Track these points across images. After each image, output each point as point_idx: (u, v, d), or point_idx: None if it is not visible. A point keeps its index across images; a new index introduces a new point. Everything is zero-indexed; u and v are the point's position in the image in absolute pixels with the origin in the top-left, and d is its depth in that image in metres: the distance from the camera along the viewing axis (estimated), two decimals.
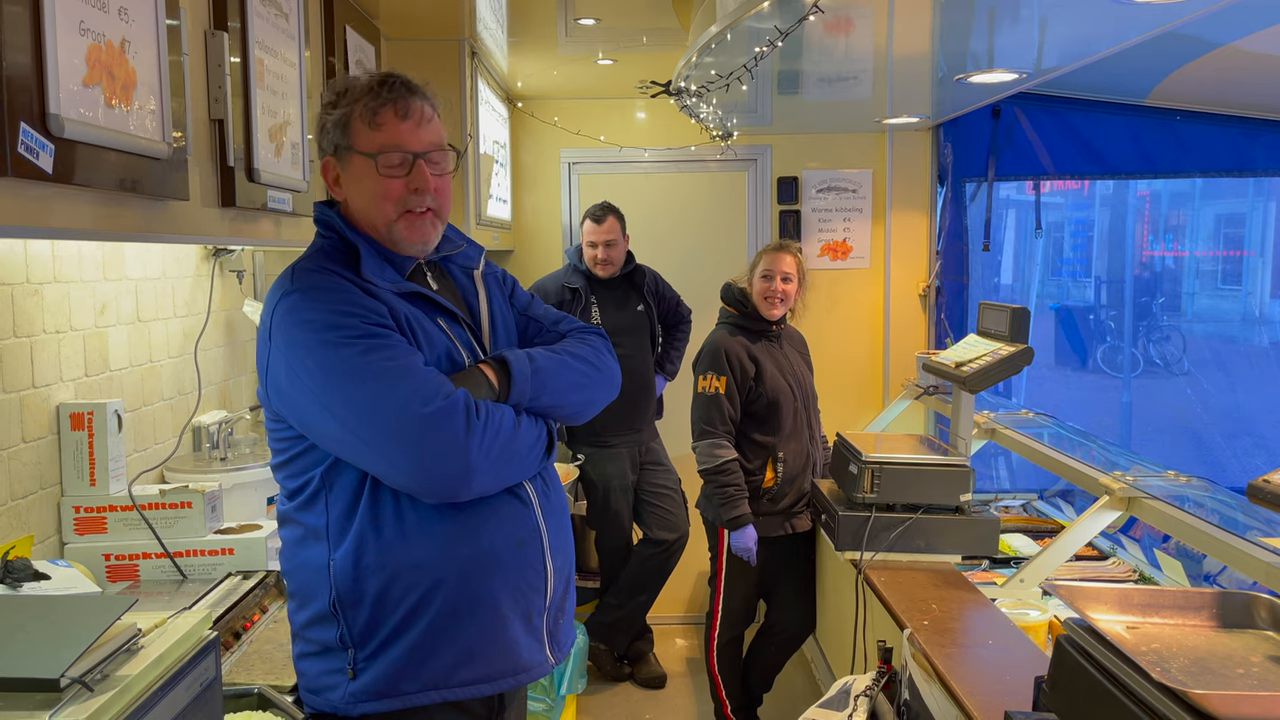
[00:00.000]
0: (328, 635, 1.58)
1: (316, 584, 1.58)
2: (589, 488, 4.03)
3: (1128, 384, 10.38)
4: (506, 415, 1.56)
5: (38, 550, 1.95)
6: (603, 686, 4.16)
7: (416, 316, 1.60)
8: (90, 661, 1.14)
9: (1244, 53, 3.36)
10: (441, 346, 1.61)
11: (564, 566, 1.72)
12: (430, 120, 1.63)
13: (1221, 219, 12.34)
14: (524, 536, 1.63)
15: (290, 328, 1.52)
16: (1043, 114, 4.37)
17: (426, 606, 1.55)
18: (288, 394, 1.53)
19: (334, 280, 1.56)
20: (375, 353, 1.48)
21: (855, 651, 2.79)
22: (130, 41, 1.38)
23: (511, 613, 1.60)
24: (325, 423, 1.50)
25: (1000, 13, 2.52)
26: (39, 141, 1.16)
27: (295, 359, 1.50)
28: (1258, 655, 1.38)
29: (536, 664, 1.65)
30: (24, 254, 1.90)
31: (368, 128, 1.59)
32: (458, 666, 1.57)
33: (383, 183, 1.59)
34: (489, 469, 1.52)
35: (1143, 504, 2.52)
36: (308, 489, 1.58)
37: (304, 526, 1.60)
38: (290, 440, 1.58)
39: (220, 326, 2.74)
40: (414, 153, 1.60)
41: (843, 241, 4.69)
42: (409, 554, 1.54)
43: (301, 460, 1.58)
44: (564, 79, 4.24)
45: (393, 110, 1.59)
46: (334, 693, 1.58)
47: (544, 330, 1.83)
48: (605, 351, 1.82)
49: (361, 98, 1.60)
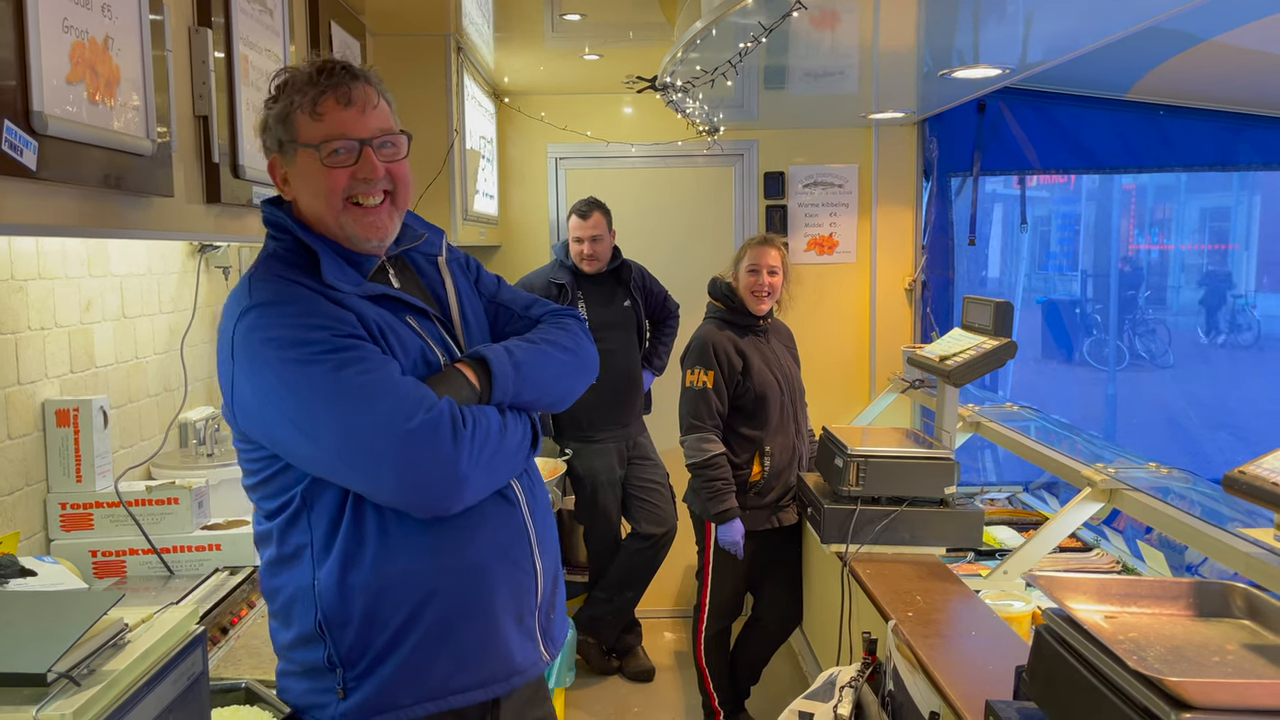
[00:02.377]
0: (314, 656, 1.51)
1: (301, 605, 1.51)
2: (577, 483, 4.04)
3: (1112, 377, 10.45)
4: (493, 418, 1.50)
5: (24, 547, 1.95)
6: (591, 680, 4.17)
7: (386, 320, 1.52)
8: (77, 656, 1.14)
9: (1228, 47, 3.38)
10: (415, 349, 1.54)
11: (551, 562, 1.68)
12: (376, 105, 1.53)
13: (1206, 213, 12.42)
14: (513, 538, 1.59)
15: (254, 346, 1.42)
16: (1027, 109, 4.39)
17: (418, 621, 1.50)
18: (257, 416, 1.45)
19: (295, 290, 1.47)
20: (349, 367, 1.39)
21: (841, 643, 2.81)
22: (114, 38, 1.38)
23: (504, 616, 1.56)
24: (300, 445, 1.43)
25: (985, 8, 2.54)
26: (22, 139, 1.17)
27: (262, 380, 1.41)
28: (1233, 643, 1.40)
29: (531, 664, 1.62)
30: (8, 250, 1.90)
31: (310, 118, 1.49)
32: (452, 676, 1.53)
33: (328, 174, 1.50)
34: (480, 477, 1.46)
35: (1125, 496, 2.54)
36: (289, 508, 1.50)
37: (285, 546, 1.52)
38: (264, 461, 1.50)
39: (206, 322, 2.74)
40: (359, 139, 1.50)
41: (829, 236, 4.71)
42: (396, 569, 1.48)
43: (279, 480, 1.50)
44: (551, 74, 4.24)
45: (333, 98, 1.49)
46: (322, 712, 1.52)
47: (515, 317, 1.75)
48: (582, 334, 1.74)
49: (302, 88, 1.50)
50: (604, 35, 3.57)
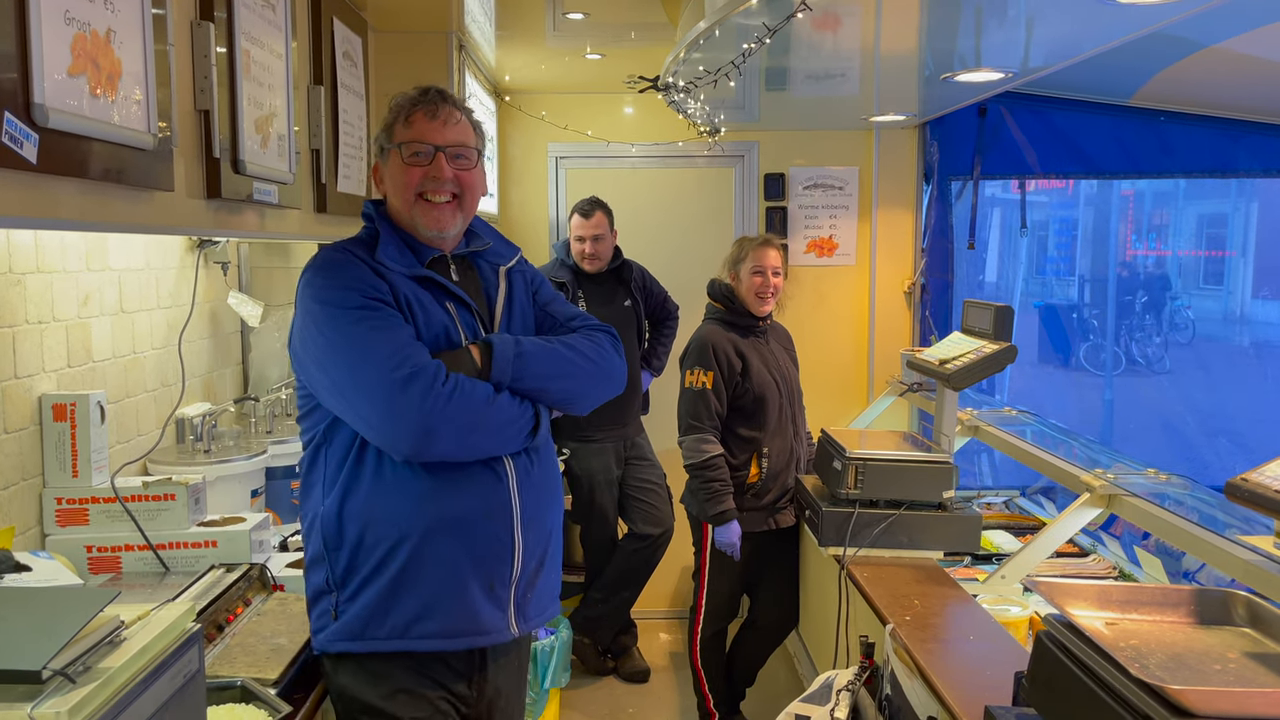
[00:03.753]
0: (319, 578, 1.79)
1: (315, 528, 1.78)
2: (574, 482, 4.03)
3: (1110, 382, 10.46)
4: (479, 389, 1.71)
5: (19, 541, 1.94)
6: (586, 680, 4.17)
7: (420, 297, 1.78)
8: (73, 653, 1.13)
9: (1229, 54, 3.38)
10: (439, 325, 1.78)
11: (538, 543, 1.84)
12: (457, 122, 1.84)
13: (1204, 219, 12.45)
14: (493, 509, 1.77)
15: (305, 300, 1.75)
16: (1028, 113, 4.39)
17: (392, 557, 1.72)
18: (299, 355, 1.77)
19: (348, 259, 1.77)
20: (365, 322, 1.68)
21: (838, 646, 2.81)
22: (116, 31, 1.37)
23: (471, 577, 1.75)
24: (322, 381, 1.72)
25: (987, 12, 2.54)
26: (23, 131, 1.16)
27: (305, 325, 1.74)
28: (1234, 651, 1.39)
29: (496, 630, 1.79)
30: (6, 244, 1.89)
31: (402, 126, 1.83)
32: (417, 619, 1.73)
33: (406, 171, 1.81)
34: (451, 434, 1.67)
35: (1123, 501, 2.54)
36: (314, 440, 1.80)
37: (311, 475, 1.81)
38: (306, 396, 1.80)
39: (204, 318, 2.73)
40: (435, 145, 1.80)
41: (829, 238, 4.71)
42: (382, 507, 1.72)
43: (312, 416, 1.80)
44: (552, 73, 4.23)
45: (423, 112, 1.82)
46: (323, 633, 1.78)
47: (557, 325, 1.97)
48: (608, 347, 1.94)
49: (404, 105, 1.84)
50: (606, 34, 3.56)
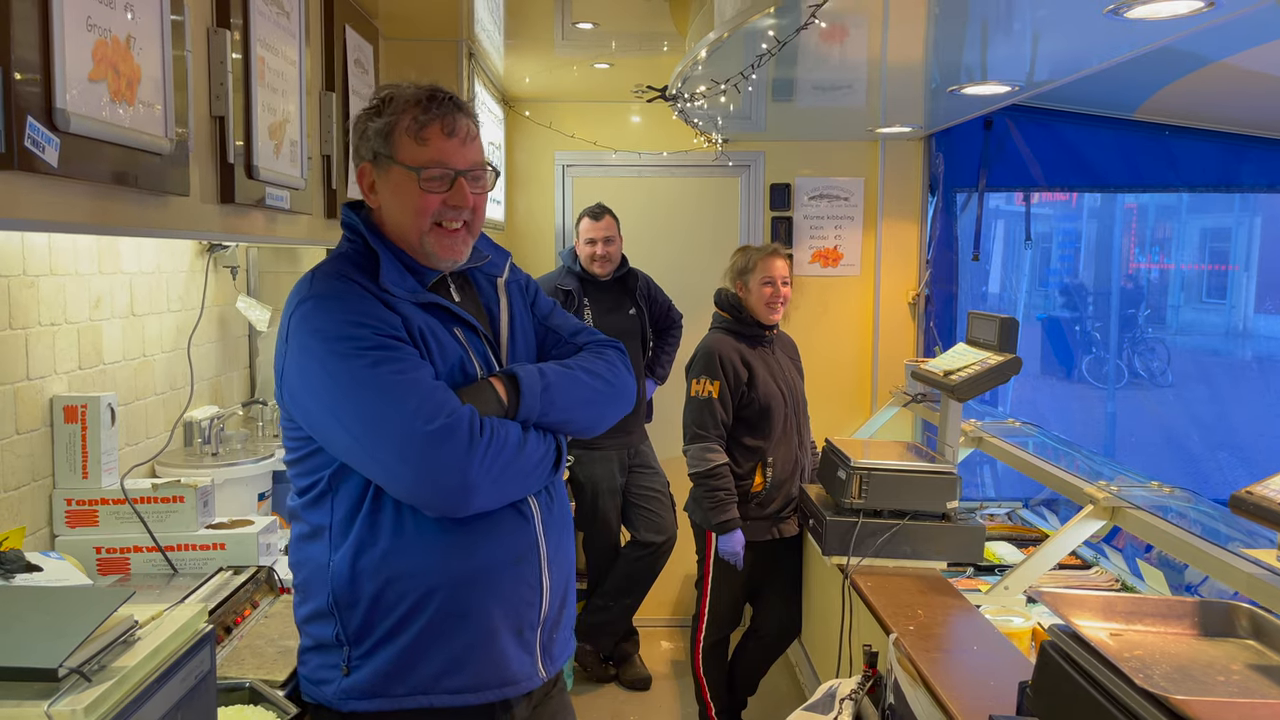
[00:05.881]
0: (325, 632, 1.62)
1: (317, 581, 1.62)
2: (577, 490, 4.04)
3: (1112, 395, 10.45)
4: (512, 432, 1.57)
5: (29, 542, 1.95)
6: (588, 687, 4.17)
7: (432, 327, 1.61)
8: (88, 652, 1.14)
9: (1234, 69, 3.40)
10: (455, 357, 1.62)
11: (561, 581, 1.72)
12: (474, 139, 1.66)
13: (1207, 233, 12.45)
14: (522, 553, 1.64)
15: (305, 335, 1.54)
16: (1034, 126, 4.41)
17: (418, 614, 1.57)
18: (300, 398, 1.56)
19: (350, 288, 1.57)
20: (384, 365, 1.49)
21: (841, 655, 2.81)
22: (135, 38, 1.39)
23: (502, 626, 1.62)
24: (333, 430, 1.53)
25: (993, 26, 2.55)
26: (45, 135, 1.17)
27: (308, 366, 1.53)
28: (1238, 663, 1.40)
29: (525, 677, 1.66)
30: (21, 246, 1.90)
31: (414, 141, 1.60)
32: (445, 674, 1.59)
33: (423, 197, 1.60)
34: (489, 487, 1.53)
35: (1126, 514, 2.54)
36: (316, 488, 1.61)
37: (310, 524, 1.63)
38: (302, 440, 1.61)
39: (213, 322, 2.74)
40: (457, 170, 1.61)
41: (834, 249, 4.72)
42: (405, 562, 1.57)
43: (312, 460, 1.60)
44: (560, 82, 4.25)
45: (439, 126, 1.60)
46: (328, 687, 1.62)
47: (562, 342, 1.83)
48: (620, 365, 1.81)
49: (408, 109, 1.60)
50: (614, 44, 3.59)
